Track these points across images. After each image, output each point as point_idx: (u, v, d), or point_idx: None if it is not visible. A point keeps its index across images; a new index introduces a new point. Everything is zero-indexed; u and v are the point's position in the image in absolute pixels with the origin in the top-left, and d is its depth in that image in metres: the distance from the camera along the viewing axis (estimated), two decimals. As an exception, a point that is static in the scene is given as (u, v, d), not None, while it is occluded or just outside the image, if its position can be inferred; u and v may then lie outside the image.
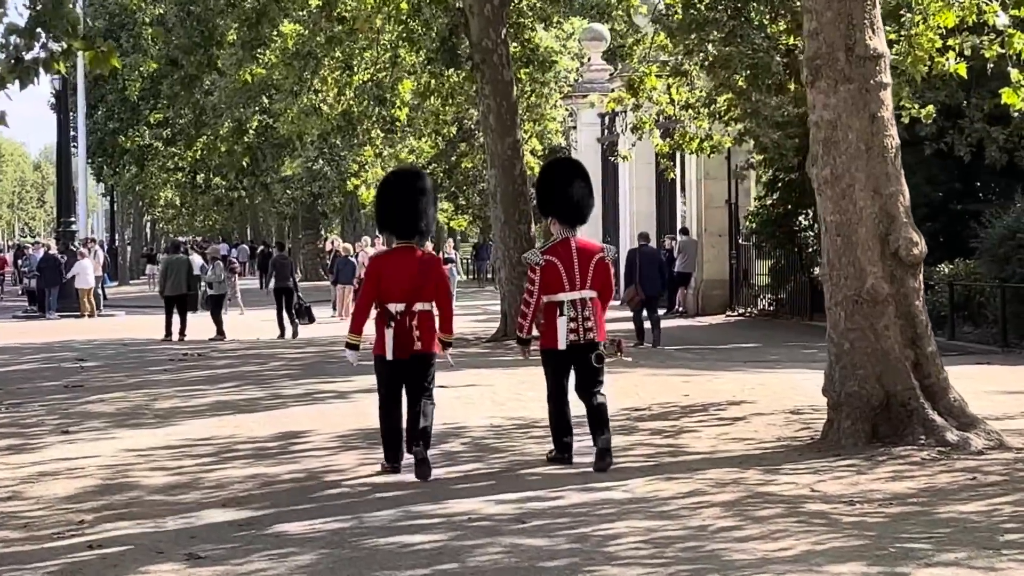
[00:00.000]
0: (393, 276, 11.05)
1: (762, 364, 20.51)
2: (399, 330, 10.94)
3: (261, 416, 15.35)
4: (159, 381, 19.66)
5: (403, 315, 10.95)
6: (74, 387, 19.14)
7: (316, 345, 25.99)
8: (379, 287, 11.07)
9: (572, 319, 11.11)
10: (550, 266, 11.20)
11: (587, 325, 11.16)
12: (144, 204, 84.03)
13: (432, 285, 11.14)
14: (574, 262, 11.18)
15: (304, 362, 22.11)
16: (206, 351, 24.90)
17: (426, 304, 11.10)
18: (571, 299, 11.14)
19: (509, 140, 25.26)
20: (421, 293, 11.03)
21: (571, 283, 11.15)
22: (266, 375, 20.12)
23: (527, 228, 25.32)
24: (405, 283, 10.98)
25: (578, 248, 11.28)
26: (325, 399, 16.68)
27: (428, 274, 11.12)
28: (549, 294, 11.18)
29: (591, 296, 11.22)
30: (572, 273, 11.15)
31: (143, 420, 15.47)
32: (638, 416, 14.41)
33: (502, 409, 15.12)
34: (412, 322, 10.96)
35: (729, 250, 33.61)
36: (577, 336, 11.13)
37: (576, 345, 11.13)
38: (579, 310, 11.14)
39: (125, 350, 26.05)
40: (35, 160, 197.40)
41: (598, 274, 11.26)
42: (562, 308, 11.13)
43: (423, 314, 11.07)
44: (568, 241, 11.31)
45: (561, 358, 11.22)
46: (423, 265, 11.12)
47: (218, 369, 21.22)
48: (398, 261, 11.16)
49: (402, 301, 10.95)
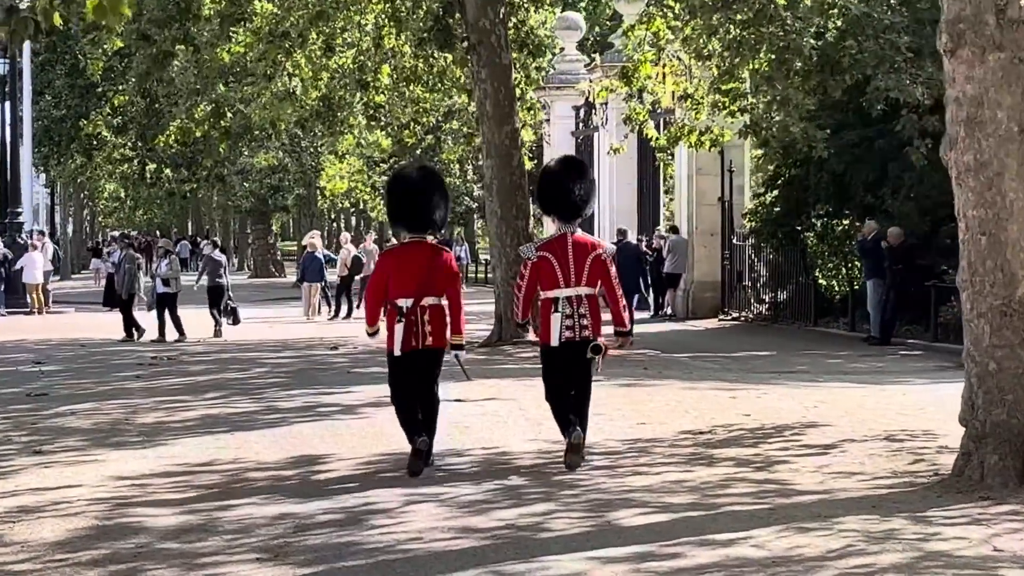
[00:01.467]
0: (403, 271, 10.93)
1: (797, 376, 18.74)
2: (408, 324, 10.83)
3: (263, 435, 13.35)
4: (132, 390, 17.59)
5: (412, 309, 10.82)
6: (37, 395, 17.05)
7: (293, 349, 23.99)
8: (389, 282, 10.95)
9: (567, 315, 10.93)
10: (544, 262, 11.02)
11: (583, 322, 10.96)
12: (85, 197, 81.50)
13: (442, 279, 11.00)
14: (569, 258, 10.99)
15: (289, 368, 20.09)
16: (176, 354, 22.81)
17: (435, 298, 10.96)
18: (566, 295, 10.95)
19: (507, 128, 23.33)
20: (431, 287, 10.91)
21: (566, 279, 10.97)
22: (252, 383, 18.10)
23: (525, 224, 23.42)
24: (415, 277, 10.85)
25: (574, 244, 11.07)
26: (331, 414, 14.67)
27: (438, 268, 10.97)
28: (544, 290, 11.03)
29: (587, 293, 11.01)
30: (567, 269, 10.98)
31: (126, 438, 13.44)
32: (706, 441, 12.52)
33: (540, 430, 13.19)
34: (423, 316, 10.87)
35: (722, 250, 31.80)
36: (573, 333, 10.95)
37: (571, 342, 10.94)
38: (575, 307, 10.95)
39: (85, 352, 23.92)
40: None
41: (595, 271, 11.03)
42: (557, 304, 10.95)
43: (433, 308, 10.95)
44: (564, 237, 11.11)
45: (556, 354, 11.03)
46: (433, 259, 10.99)
47: (196, 376, 19.16)
48: (408, 255, 11.05)
49: (411, 296, 10.82)
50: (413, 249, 11.10)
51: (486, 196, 23.87)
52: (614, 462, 11.43)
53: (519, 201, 23.34)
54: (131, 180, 60.17)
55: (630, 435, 12.85)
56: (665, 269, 32.13)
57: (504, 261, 23.22)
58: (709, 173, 31.94)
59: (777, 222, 29.30)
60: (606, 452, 11.92)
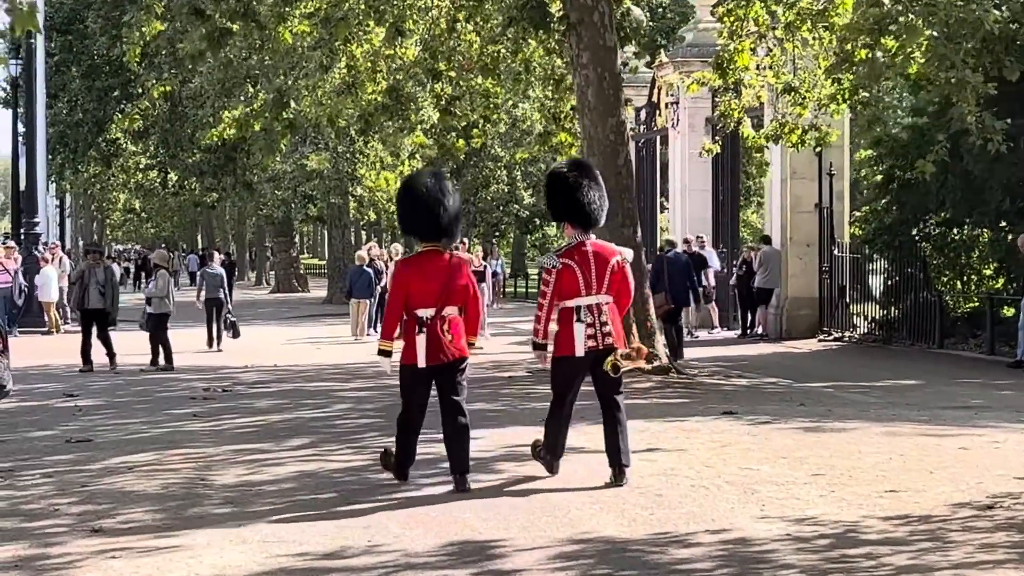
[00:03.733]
0: (422, 281, 10.65)
1: (992, 414, 15.53)
2: (431, 336, 10.55)
3: (394, 508, 10.12)
4: (195, 434, 14.37)
5: (433, 320, 10.56)
6: (79, 441, 13.85)
7: (363, 377, 20.79)
8: (407, 292, 10.65)
9: (590, 324, 10.61)
10: (566, 270, 10.69)
11: (605, 330, 10.63)
12: (96, 208, 78.44)
13: (461, 289, 10.74)
14: (591, 265, 10.70)
15: (374, 405, 16.82)
16: (230, 385, 19.58)
17: (455, 309, 10.70)
18: (588, 304, 10.63)
19: (612, 121, 20.13)
20: (451, 297, 10.66)
21: (587, 287, 10.66)
22: (340, 426, 14.89)
23: (632, 231, 20.20)
24: (434, 287, 10.61)
25: (594, 251, 10.81)
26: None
27: (457, 278, 10.71)
28: (564, 299, 10.66)
29: (607, 301, 10.71)
30: (589, 277, 10.68)
31: (209, 508, 10.23)
32: (1008, 521, 9.26)
33: (758, 498, 9.99)
34: (443, 327, 10.58)
35: (820, 262, 28.61)
36: (596, 342, 10.61)
37: (595, 351, 10.62)
38: (596, 315, 10.64)
39: (122, 381, 20.72)
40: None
41: (615, 278, 10.75)
42: (579, 313, 10.62)
43: (453, 319, 10.67)
44: (584, 244, 10.79)
45: (578, 365, 10.69)
46: (452, 268, 10.71)
47: (266, 415, 15.89)
48: (426, 265, 10.75)
49: (432, 306, 10.59)
50: (430, 258, 10.78)
51: (587, 200, 20.58)
52: (915, 558, 8.20)
53: (626, 205, 20.15)
54: (148, 190, 57.00)
55: (889, 510, 9.62)
56: (756, 284, 28.98)
57: (608, 275, 20.00)
58: (804, 177, 28.86)
59: (892, 230, 26.08)
60: (885, 538, 8.69)
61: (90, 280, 22.59)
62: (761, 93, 23.65)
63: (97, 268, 22.86)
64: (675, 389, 18.24)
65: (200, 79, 39.83)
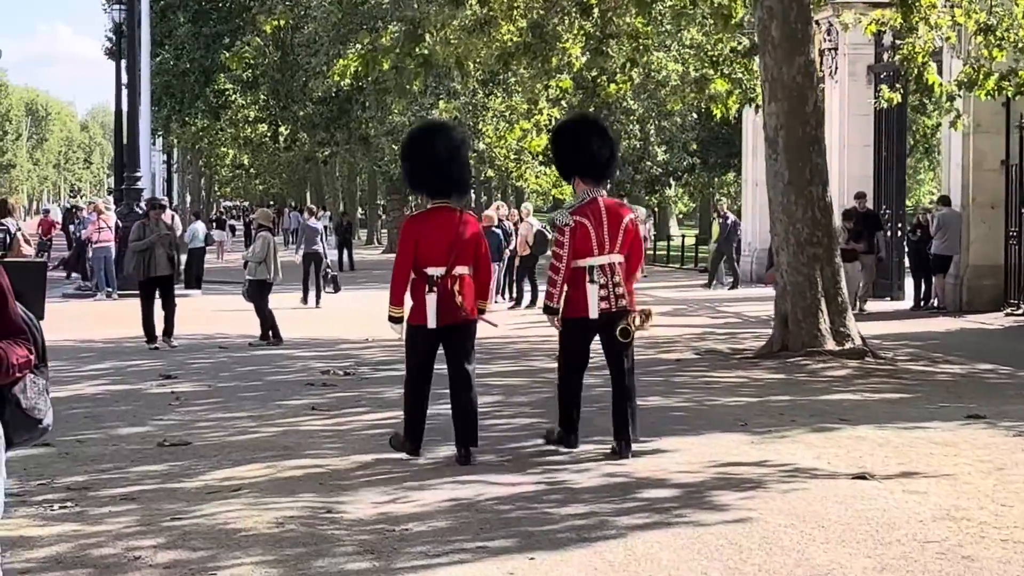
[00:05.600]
0: (431, 238, 10.14)
1: None
2: (442, 295, 10.03)
3: (594, 555, 7.33)
4: (315, 436, 11.67)
5: (444, 279, 10.05)
6: (174, 445, 11.20)
7: (504, 356, 18.04)
8: (417, 251, 10.14)
9: (603, 285, 10.18)
10: (580, 228, 10.22)
11: (618, 291, 10.23)
12: (203, 164, 76.37)
13: (472, 248, 10.24)
14: (604, 223, 10.25)
15: (527, 395, 14.02)
16: (351, 366, 16.86)
17: (465, 268, 10.18)
18: (600, 264, 10.20)
19: (800, 60, 17.18)
20: (461, 256, 10.15)
21: (600, 246, 10.23)
22: (490, 426, 11.98)
23: (822, 191, 17.24)
24: (444, 245, 10.11)
25: (607, 208, 10.36)
26: (667, 505, 8.62)
27: (467, 236, 10.19)
28: (576, 258, 10.21)
29: (620, 261, 10.28)
30: (602, 235, 10.24)
31: (341, 562, 7.50)
32: None
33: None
34: (454, 287, 10.05)
35: (1007, 226, 25.38)
36: (608, 304, 10.19)
37: (608, 313, 10.19)
38: (609, 276, 10.22)
39: (226, 359, 18.15)
40: (82, 120, 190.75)
41: (628, 237, 10.33)
42: (592, 274, 10.18)
43: (464, 279, 10.15)
44: (596, 201, 10.35)
45: (590, 327, 10.24)
46: (461, 226, 10.21)
47: (397, 408, 13.02)
48: (436, 222, 10.24)
49: (442, 265, 10.09)
50: (440, 215, 10.31)
51: (768, 153, 17.63)
52: None
53: (814, 160, 17.18)
54: (257, 145, 54.57)
55: None
56: (932, 250, 25.79)
57: (793, 241, 17.09)
58: (989, 131, 25.61)
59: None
60: None
61: (156, 242, 19.68)
62: (950, 34, 20.70)
63: (157, 227, 19.89)
64: (881, 379, 15.28)
65: (314, 24, 37.09)
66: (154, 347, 19.30)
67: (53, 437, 11.69)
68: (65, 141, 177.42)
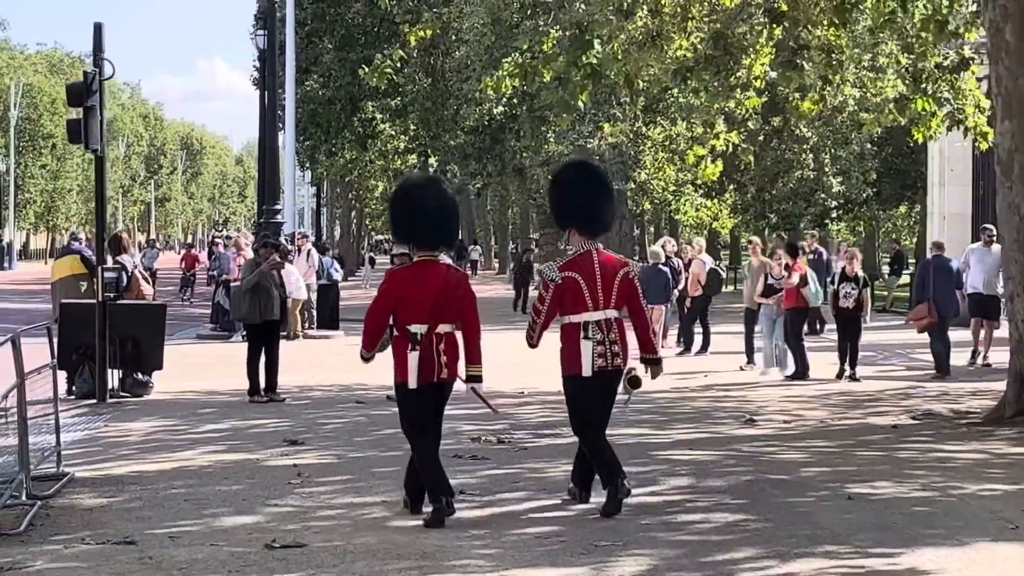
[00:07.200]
0: (414, 293, 9.80)
1: None
2: (425, 354, 9.68)
3: None
4: (462, 540, 9.19)
5: (426, 337, 9.67)
6: (285, 547, 8.85)
7: (687, 420, 15.45)
8: (398, 306, 9.82)
9: (599, 342, 9.86)
10: (570, 283, 9.91)
11: (614, 349, 9.90)
12: (353, 197, 74.74)
13: (457, 304, 9.87)
14: (597, 278, 9.94)
15: (732, 475, 11.44)
16: (506, 430, 14.39)
17: (450, 326, 9.83)
18: (596, 319, 9.87)
19: (1041, 70, 14.42)
20: (446, 313, 9.80)
21: (595, 302, 9.91)
22: (691, 537, 9.45)
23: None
24: (428, 301, 9.76)
25: (601, 262, 10.02)
26: None
27: (453, 292, 9.86)
28: (570, 314, 9.91)
29: (615, 316, 9.98)
30: (595, 290, 9.93)
31: None
32: None
33: None
34: (439, 346, 9.74)
35: None
36: (605, 361, 9.86)
37: (604, 371, 9.85)
38: (605, 332, 9.89)
39: (363, 418, 15.80)
40: (238, 153, 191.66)
41: (623, 291, 9.99)
42: (587, 330, 9.85)
43: (448, 337, 9.84)
44: (590, 254, 10.03)
45: (589, 384, 9.86)
46: (448, 281, 9.87)
47: (569, 499, 10.59)
48: (420, 276, 9.89)
49: (424, 322, 9.71)
50: (426, 269, 9.89)
51: (1000, 180, 14.89)
52: None
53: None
54: (405, 175, 52.59)
55: None
56: None
57: (1031, 284, 14.31)
58: None
59: None
60: None
61: (269, 283, 17.72)
62: None
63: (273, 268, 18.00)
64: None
65: (465, 48, 34.85)
66: (263, 400, 17.23)
67: (142, 530, 9.43)
68: (219, 175, 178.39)
